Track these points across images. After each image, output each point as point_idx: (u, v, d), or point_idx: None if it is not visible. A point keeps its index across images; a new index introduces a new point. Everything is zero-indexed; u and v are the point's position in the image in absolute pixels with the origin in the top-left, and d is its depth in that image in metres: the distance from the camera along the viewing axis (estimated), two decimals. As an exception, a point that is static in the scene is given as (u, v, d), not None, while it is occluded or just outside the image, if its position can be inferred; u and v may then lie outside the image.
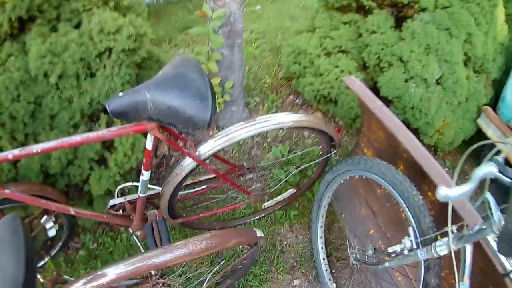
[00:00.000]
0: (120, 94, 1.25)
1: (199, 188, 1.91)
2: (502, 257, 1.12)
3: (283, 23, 3.94)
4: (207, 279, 1.63)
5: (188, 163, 1.57)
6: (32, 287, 1.03)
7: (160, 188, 1.72)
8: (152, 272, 1.43)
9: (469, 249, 1.14)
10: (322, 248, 2.05)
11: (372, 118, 1.82)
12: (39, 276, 1.52)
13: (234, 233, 1.43)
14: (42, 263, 2.00)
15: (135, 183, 1.66)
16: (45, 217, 1.76)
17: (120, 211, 1.80)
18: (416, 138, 1.51)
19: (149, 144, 1.41)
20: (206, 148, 1.57)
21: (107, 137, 1.37)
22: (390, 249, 1.42)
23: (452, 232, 1.17)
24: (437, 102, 2.24)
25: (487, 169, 0.96)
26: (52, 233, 1.79)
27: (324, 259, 2.05)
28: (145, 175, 1.51)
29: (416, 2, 2.18)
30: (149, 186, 1.67)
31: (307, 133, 2.68)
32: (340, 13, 2.51)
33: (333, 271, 2.04)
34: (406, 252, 1.34)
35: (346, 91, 2.44)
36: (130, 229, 1.79)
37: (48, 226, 1.77)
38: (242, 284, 1.97)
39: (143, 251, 1.54)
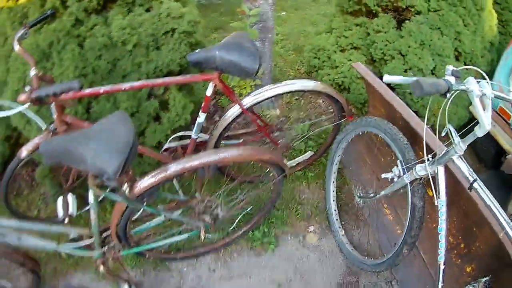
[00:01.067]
0: (197, 50, 2.08)
1: (238, 141, 2.68)
2: (465, 170, 1.67)
3: (305, 27, 4.83)
4: (240, 199, 2.37)
5: (234, 111, 2.36)
6: (135, 151, 1.72)
7: (208, 136, 2.48)
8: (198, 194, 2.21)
9: (441, 170, 1.74)
10: (333, 200, 2.76)
11: (375, 97, 2.51)
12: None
13: (270, 151, 2.16)
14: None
15: (187, 132, 2.45)
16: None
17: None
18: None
19: (209, 91, 2.22)
20: (247, 101, 2.39)
21: (181, 81, 2.30)
22: (383, 175, 2.07)
23: (428, 160, 1.82)
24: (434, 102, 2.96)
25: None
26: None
27: (335, 210, 2.75)
28: (202, 117, 2.30)
29: (412, 6, 2.91)
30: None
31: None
32: (353, 16, 3.29)
33: (342, 222, 2.76)
34: (395, 179, 2.02)
35: (357, 80, 3.15)
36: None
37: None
38: (267, 224, 2.71)
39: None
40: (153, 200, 2.03)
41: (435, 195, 1.76)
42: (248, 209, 2.63)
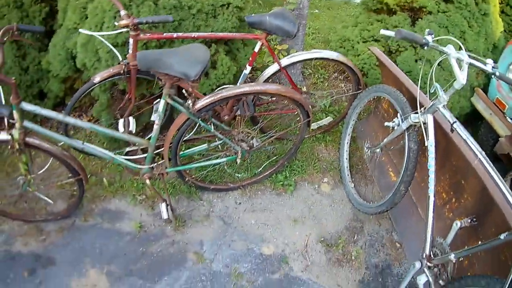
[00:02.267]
0: (253, 15, 2.91)
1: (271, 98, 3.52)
2: (447, 115, 2.28)
3: (335, 24, 5.78)
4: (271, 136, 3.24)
5: (273, 68, 3.20)
6: (207, 70, 2.68)
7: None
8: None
9: (430, 118, 2.38)
10: (346, 159, 3.49)
11: (386, 72, 3.22)
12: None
13: (301, 95, 2.98)
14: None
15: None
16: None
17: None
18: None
19: (257, 48, 3.04)
20: (284, 61, 3.23)
21: (235, 37, 3.17)
22: (386, 123, 2.80)
23: (420, 111, 2.52)
24: (437, 77, 3.77)
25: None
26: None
27: (347, 167, 3.46)
28: (248, 69, 3.12)
29: (425, 7, 3.72)
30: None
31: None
32: (375, 13, 4.11)
33: (352, 178, 3.49)
34: (396, 127, 2.73)
35: (374, 67, 3.88)
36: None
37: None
38: (289, 170, 3.49)
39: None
40: (208, 118, 2.78)
41: (425, 138, 2.37)
42: (275, 157, 3.47)
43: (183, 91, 2.70)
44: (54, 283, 2.75)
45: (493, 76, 2.22)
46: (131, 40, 2.88)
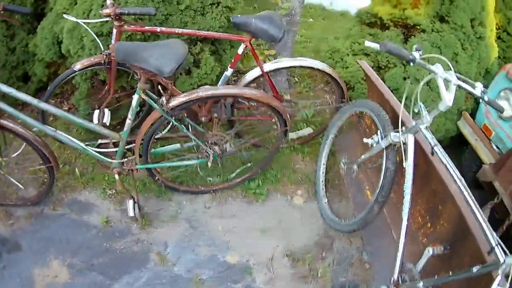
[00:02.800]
0: (239, 15, 2.83)
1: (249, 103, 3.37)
2: (429, 137, 2.23)
3: (327, 35, 5.58)
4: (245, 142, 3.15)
5: (255, 72, 3.11)
6: (184, 67, 2.65)
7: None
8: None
9: (411, 138, 2.29)
10: (322, 172, 3.37)
11: (372, 87, 3.14)
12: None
13: (279, 102, 2.86)
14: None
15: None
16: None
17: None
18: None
19: (240, 50, 2.95)
20: (267, 66, 3.14)
21: (220, 37, 3.10)
22: (365, 140, 2.72)
23: (401, 130, 2.42)
24: (424, 97, 3.68)
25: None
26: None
27: (322, 181, 3.35)
28: (229, 71, 3.02)
29: (419, 25, 3.62)
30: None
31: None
32: (368, 27, 4.00)
33: (327, 192, 3.38)
34: (374, 144, 2.65)
35: (361, 81, 3.77)
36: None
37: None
38: (262, 179, 3.39)
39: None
40: (180, 117, 2.72)
41: (404, 159, 2.28)
42: (249, 164, 3.37)
43: (159, 87, 2.61)
44: (18, 269, 2.72)
45: (481, 101, 2.16)
46: (114, 31, 2.87)
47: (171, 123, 2.84)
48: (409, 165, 2.29)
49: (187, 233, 3.04)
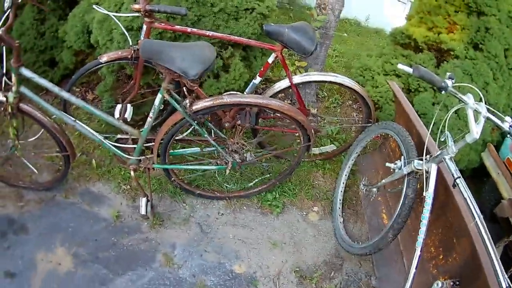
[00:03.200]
0: (272, 24, 2.79)
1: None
2: (452, 169, 2.16)
3: (360, 51, 5.60)
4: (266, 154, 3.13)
5: (284, 83, 3.06)
6: (211, 70, 2.53)
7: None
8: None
9: (434, 168, 2.26)
10: (341, 191, 3.35)
11: (400, 110, 3.10)
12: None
13: (305, 117, 2.79)
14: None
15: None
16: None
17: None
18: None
19: (271, 59, 2.92)
20: (297, 78, 3.11)
21: (250, 44, 3.04)
22: (387, 164, 2.68)
23: (426, 158, 2.38)
24: (451, 125, 3.61)
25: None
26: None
27: (340, 200, 3.32)
28: (257, 79, 2.99)
29: (453, 50, 3.56)
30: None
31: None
32: (402, 48, 3.95)
33: (343, 212, 3.35)
34: (396, 170, 2.62)
35: (390, 102, 3.72)
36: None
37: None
38: (279, 191, 3.35)
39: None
40: (203, 121, 2.69)
41: (424, 188, 2.25)
42: (268, 175, 3.35)
43: (184, 88, 2.58)
44: (21, 251, 2.74)
45: (508, 135, 2.13)
46: (144, 27, 2.85)
47: (192, 126, 2.79)
48: (429, 195, 2.26)
49: (197, 238, 3.02)
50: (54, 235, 2.86)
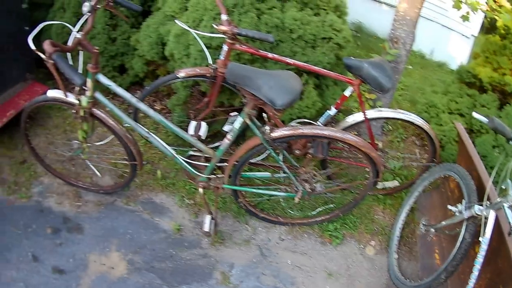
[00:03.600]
0: (352, 58, 2.83)
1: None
2: (510, 217, 2.16)
3: (424, 85, 5.67)
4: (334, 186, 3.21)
5: (358, 117, 3.11)
6: (296, 102, 2.57)
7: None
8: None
9: (492, 214, 2.27)
10: (399, 228, 3.34)
11: (463, 152, 3.10)
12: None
13: (371, 148, 2.81)
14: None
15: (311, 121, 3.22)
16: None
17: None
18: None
19: (347, 92, 2.96)
20: (370, 113, 3.13)
21: (330, 75, 3.08)
22: (449, 207, 2.69)
23: (486, 204, 2.41)
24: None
25: None
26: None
27: (397, 237, 3.31)
28: (333, 111, 3.05)
29: None
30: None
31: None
32: (467, 87, 3.99)
33: (399, 249, 3.35)
34: (457, 213, 2.61)
35: (453, 142, 3.77)
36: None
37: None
38: (341, 223, 3.38)
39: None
40: (280, 150, 2.76)
41: (481, 233, 2.29)
42: (332, 205, 3.42)
43: (263, 114, 2.63)
44: (73, 249, 2.81)
45: None
46: (225, 47, 2.88)
47: (268, 151, 2.84)
48: (485, 240, 2.29)
49: (256, 260, 3.05)
50: (110, 239, 2.92)
